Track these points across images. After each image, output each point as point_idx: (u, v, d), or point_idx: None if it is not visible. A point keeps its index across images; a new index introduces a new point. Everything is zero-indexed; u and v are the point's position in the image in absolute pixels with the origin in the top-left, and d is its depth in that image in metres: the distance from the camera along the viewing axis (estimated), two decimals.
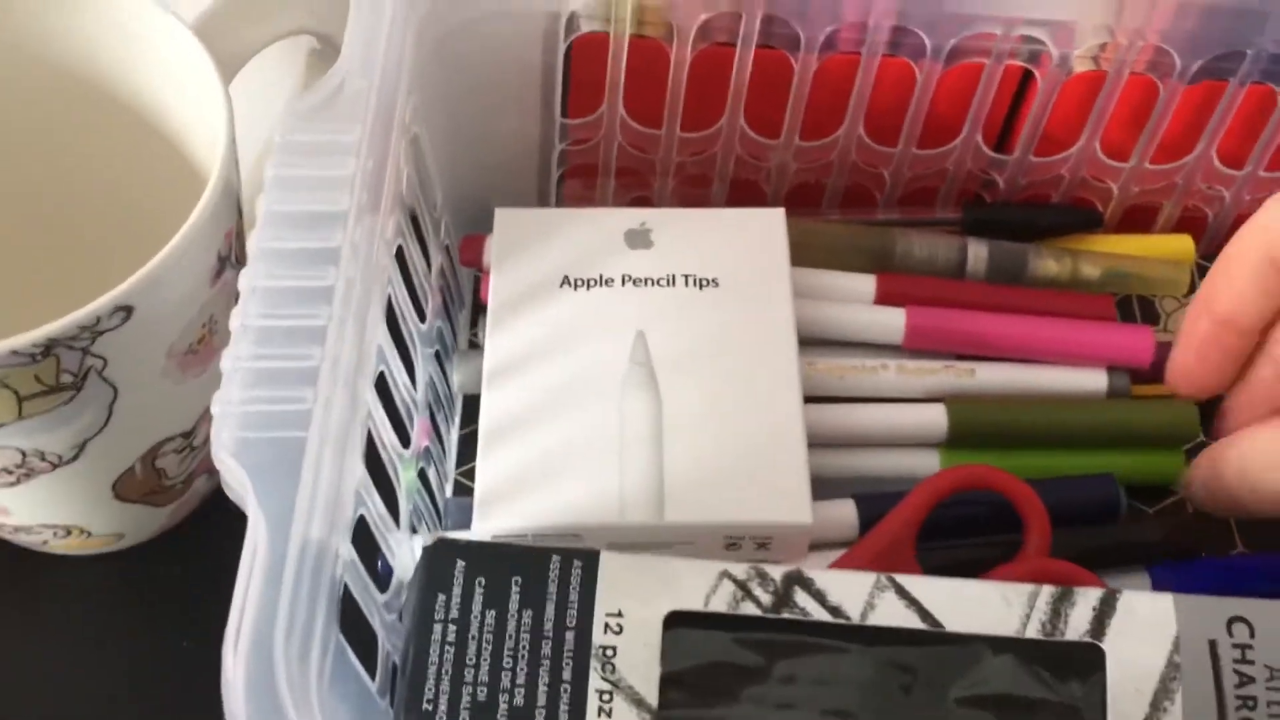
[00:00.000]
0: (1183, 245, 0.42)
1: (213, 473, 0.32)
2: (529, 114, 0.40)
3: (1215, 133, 0.40)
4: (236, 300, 0.27)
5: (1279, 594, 0.35)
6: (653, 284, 0.35)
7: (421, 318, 0.34)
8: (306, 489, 0.25)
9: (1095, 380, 0.38)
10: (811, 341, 0.38)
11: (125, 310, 0.28)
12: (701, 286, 0.34)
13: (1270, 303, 0.30)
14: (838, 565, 0.33)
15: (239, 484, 0.25)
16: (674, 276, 0.35)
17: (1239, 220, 0.42)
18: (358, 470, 0.28)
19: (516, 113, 0.40)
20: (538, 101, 0.39)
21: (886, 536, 0.33)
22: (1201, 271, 0.43)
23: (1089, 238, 0.42)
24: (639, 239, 0.35)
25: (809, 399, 0.37)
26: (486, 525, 0.31)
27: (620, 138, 0.40)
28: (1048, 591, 0.28)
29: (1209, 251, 0.43)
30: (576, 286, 0.35)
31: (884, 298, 0.39)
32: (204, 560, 0.37)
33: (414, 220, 0.35)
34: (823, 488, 0.36)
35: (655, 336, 0.34)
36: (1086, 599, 0.28)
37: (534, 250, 0.35)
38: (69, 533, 0.35)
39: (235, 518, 0.25)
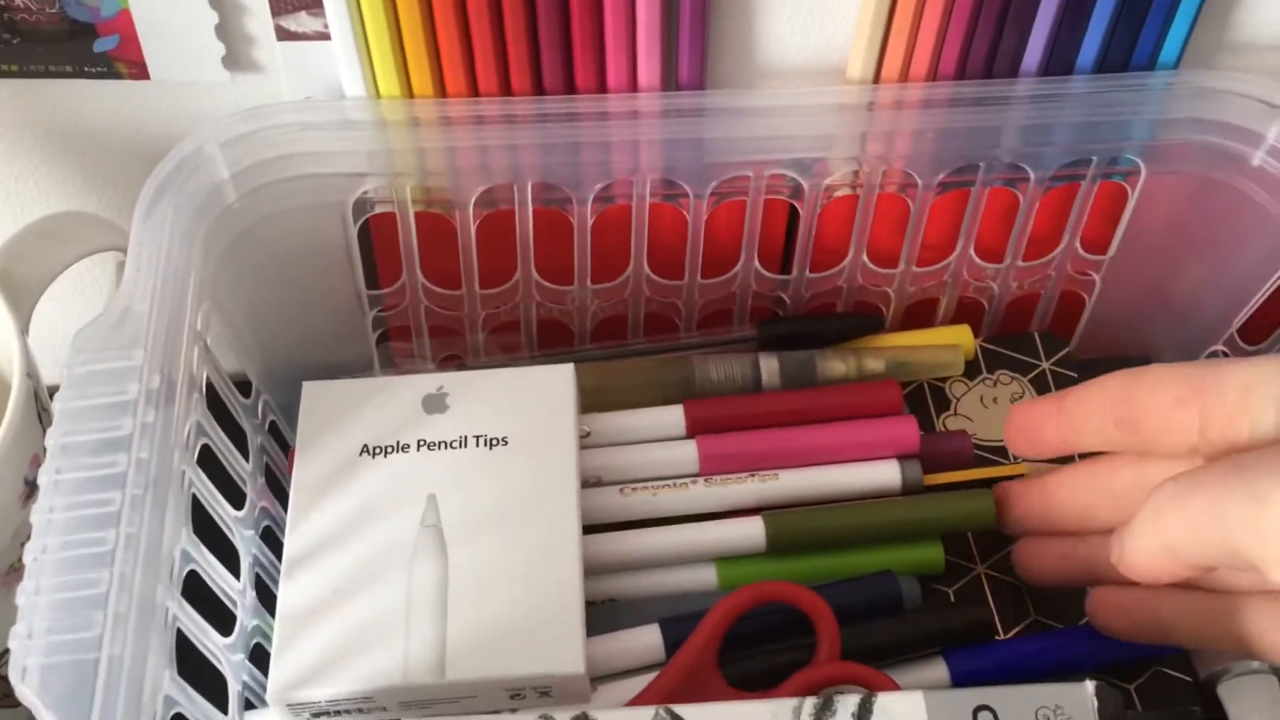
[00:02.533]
0: (962, 334, 0.45)
1: None
2: (342, 288, 0.42)
3: (970, 233, 0.43)
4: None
5: (1071, 666, 0.38)
6: (446, 447, 0.37)
7: (238, 504, 0.37)
8: (101, 708, 0.27)
9: (890, 473, 0.41)
10: (625, 481, 0.40)
11: None
12: (492, 446, 0.37)
13: None
14: (648, 690, 0.35)
15: (36, 711, 0.27)
16: (466, 438, 0.37)
17: (1013, 305, 0.46)
18: (164, 676, 0.30)
19: (329, 288, 0.42)
20: (348, 276, 0.42)
21: (690, 657, 0.36)
22: (985, 354, 0.46)
23: (876, 338, 0.45)
24: (435, 404, 0.38)
25: (621, 525, 0.40)
26: (283, 697, 0.33)
27: (425, 301, 0.43)
28: (810, 704, 0.30)
29: (990, 335, 0.47)
30: (375, 455, 0.37)
31: (693, 425, 0.42)
32: None
33: (227, 409, 0.38)
34: (632, 610, 0.38)
35: (447, 499, 0.36)
36: (846, 706, 0.30)
37: (338, 422, 0.38)
38: None
39: None
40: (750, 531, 0.39)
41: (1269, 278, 0.41)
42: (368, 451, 0.37)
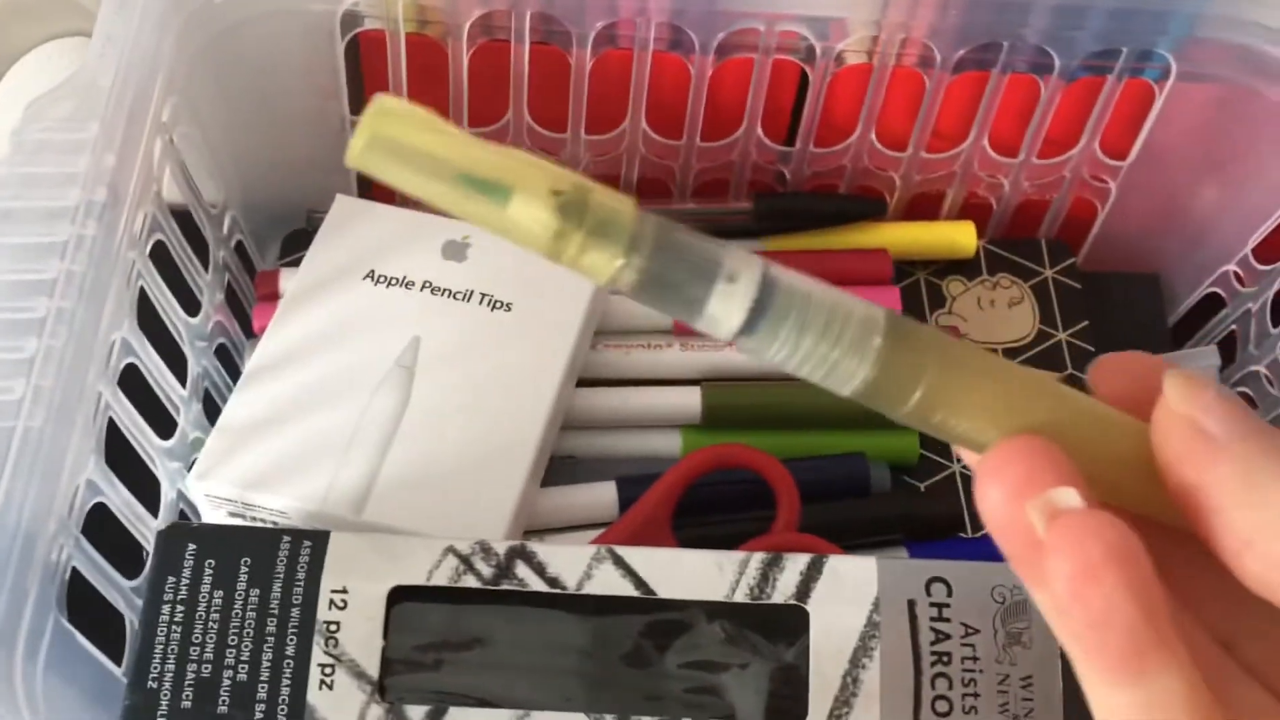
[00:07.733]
0: (964, 230, 0.44)
1: None
2: (325, 112, 0.41)
3: (985, 121, 0.41)
4: None
5: None
6: (449, 295, 0.36)
7: (193, 311, 0.35)
8: (10, 479, 0.25)
9: None
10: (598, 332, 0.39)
11: None
12: (494, 308, 0.36)
13: None
14: (595, 541, 0.34)
15: None
16: (471, 293, 0.36)
17: (1021, 210, 0.44)
18: (88, 460, 0.28)
19: (312, 111, 0.41)
20: (333, 98, 0.40)
21: (642, 515, 0.34)
22: (987, 255, 0.44)
23: (876, 226, 0.44)
24: (455, 251, 0.37)
25: (586, 382, 0.38)
26: (200, 485, 0.32)
27: None
28: (758, 557, 0.29)
29: (994, 237, 0.45)
30: (378, 283, 0.36)
31: None
32: None
33: (189, 218, 0.36)
34: (589, 470, 0.37)
35: (430, 345, 0.35)
36: (795, 564, 0.29)
37: (355, 241, 0.37)
38: None
39: None
40: (687, 402, 0.38)
41: None
42: (371, 278, 0.36)
